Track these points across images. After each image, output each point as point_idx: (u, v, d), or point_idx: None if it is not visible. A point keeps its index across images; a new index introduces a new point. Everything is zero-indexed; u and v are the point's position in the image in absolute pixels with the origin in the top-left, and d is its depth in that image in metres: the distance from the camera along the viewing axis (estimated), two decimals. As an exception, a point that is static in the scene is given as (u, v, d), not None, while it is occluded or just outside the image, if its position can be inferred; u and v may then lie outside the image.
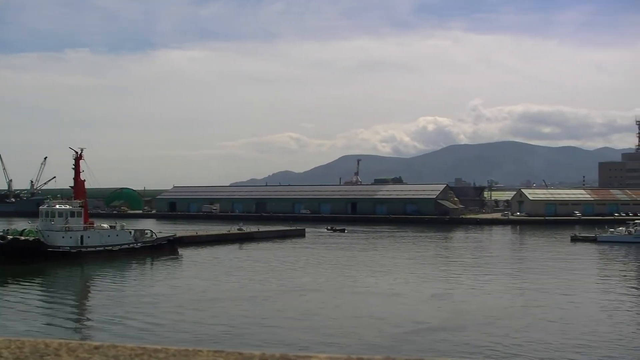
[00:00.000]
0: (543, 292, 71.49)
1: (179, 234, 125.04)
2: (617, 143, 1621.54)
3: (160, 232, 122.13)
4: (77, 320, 58.21)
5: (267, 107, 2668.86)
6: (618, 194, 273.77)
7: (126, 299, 66.57)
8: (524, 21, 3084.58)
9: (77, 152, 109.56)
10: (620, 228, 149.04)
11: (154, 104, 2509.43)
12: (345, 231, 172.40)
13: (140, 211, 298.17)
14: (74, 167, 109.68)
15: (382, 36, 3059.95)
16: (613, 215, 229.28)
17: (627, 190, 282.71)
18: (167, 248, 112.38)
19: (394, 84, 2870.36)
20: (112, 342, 4.58)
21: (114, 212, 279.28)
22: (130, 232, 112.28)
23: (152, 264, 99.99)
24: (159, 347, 4.40)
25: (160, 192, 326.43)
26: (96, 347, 4.47)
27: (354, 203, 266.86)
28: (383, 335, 48.48)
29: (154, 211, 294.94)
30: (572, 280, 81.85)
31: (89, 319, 58.57)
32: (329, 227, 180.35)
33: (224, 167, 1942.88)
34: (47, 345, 4.56)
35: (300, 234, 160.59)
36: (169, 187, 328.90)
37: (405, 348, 44.16)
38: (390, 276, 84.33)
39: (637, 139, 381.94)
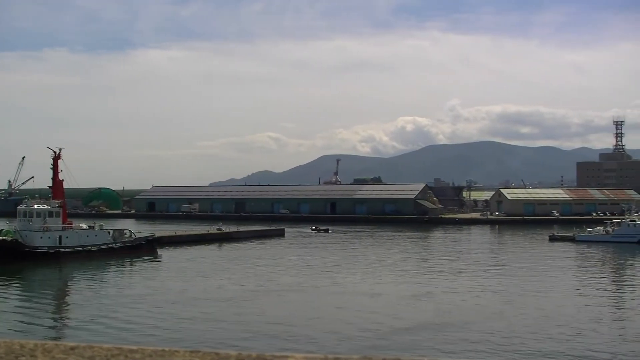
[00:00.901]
0: (522, 291, 71.80)
1: (158, 234, 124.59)
2: (594, 143, 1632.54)
3: (139, 232, 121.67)
4: (54, 321, 57.97)
5: (246, 107, 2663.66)
6: (596, 194, 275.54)
7: (104, 300, 66.32)
8: (503, 22, 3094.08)
9: (55, 152, 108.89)
10: (598, 228, 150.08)
11: (133, 104, 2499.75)
12: (330, 231, 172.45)
13: (119, 211, 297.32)
14: (52, 166, 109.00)
15: (362, 36, 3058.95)
16: (591, 215, 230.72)
17: (605, 190, 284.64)
18: (146, 248, 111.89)
19: (373, 84, 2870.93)
20: (88, 343, 4.53)
21: (93, 212, 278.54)
22: (109, 232, 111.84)
23: (131, 264, 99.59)
24: (135, 347, 4.37)
25: (139, 192, 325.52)
26: (72, 348, 4.43)
27: (333, 203, 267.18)
28: (363, 336, 48.51)
29: (132, 211, 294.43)
30: (551, 279, 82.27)
31: (66, 320, 58.35)
32: (313, 227, 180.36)
33: (203, 167, 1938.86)
34: (23, 346, 4.53)
35: (280, 234, 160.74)
36: (148, 187, 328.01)
37: (385, 348, 44.24)
38: (369, 276, 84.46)
39: (614, 140, 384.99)
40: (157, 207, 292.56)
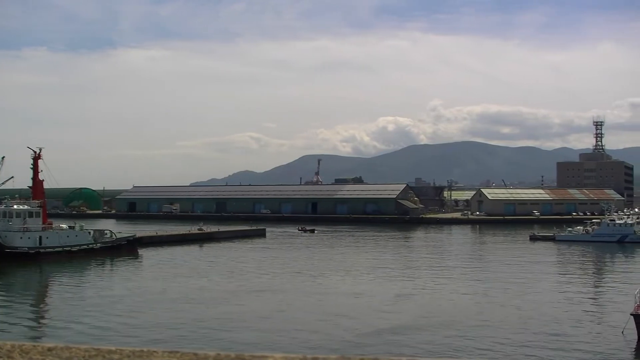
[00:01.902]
0: (503, 291, 71.97)
1: (138, 234, 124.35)
2: (575, 143, 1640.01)
3: (119, 233, 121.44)
4: (33, 322, 57.54)
5: (227, 107, 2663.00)
6: (576, 194, 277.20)
7: (84, 300, 66.03)
8: (483, 22, 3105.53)
9: (35, 152, 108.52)
10: (578, 227, 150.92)
11: (113, 104, 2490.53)
12: (315, 232, 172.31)
13: (100, 211, 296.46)
14: (32, 166, 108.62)
15: (343, 36, 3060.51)
16: (571, 215, 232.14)
17: (585, 190, 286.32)
18: (127, 248, 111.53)
19: (354, 84, 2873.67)
20: (65, 344, 4.49)
21: (73, 212, 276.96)
22: (89, 233, 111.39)
23: (111, 265, 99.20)
24: (113, 348, 4.35)
25: (119, 192, 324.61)
26: (49, 349, 4.41)
27: (314, 203, 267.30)
28: (342, 335, 48.57)
29: (113, 211, 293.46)
30: (531, 279, 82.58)
31: (45, 321, 58.02)
32: (300, 228, 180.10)
33: (184, 166, 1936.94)
34: (0, 348, 4.51)
35: (261, 234, 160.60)
36: (129, 187, 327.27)
37: (365, 347, 44.32)
38: (350, 276, 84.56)
39: (594, 140, 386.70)
40: (138, 207, 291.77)
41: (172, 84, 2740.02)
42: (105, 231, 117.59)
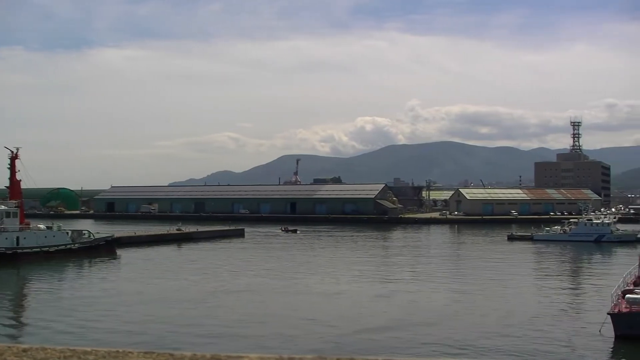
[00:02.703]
0: (481, 290, 72.23)
1: (117, 235, 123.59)
2: (552, 143, 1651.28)
3: (98, 233, 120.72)
4: (9, 323, 57.06)
5: (205, 107, 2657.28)
6: (553, 194, 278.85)
7: (61, 301, 65.63)
8: (460, 23, 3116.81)
9: (12, 152, 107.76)
10: (556, 227, 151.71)
11: (91, 103, 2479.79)
12: (298, 232, 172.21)
13: (78, 211, 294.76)
14: (9, 166, 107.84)
15: (319, 36, 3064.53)
16: (549, 215, 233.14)
17: (562, 190, 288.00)
18: (105, 249, 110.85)
19: (332, 84, 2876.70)
20: (41, 345, 4.48)
21: (51, 212, 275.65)
22: (67, 233, 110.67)
23: (89, 265, 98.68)
24: (88, 349, 4.32)
25: (97, 192, 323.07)
26: (24, 350, 4.37)
27: (293, 203, 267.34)
28: (320, 336, 48.60)
29: (91, 211, 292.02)
30: (509, 278, 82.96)
31: (21, 322, 57.63)
32: (283, 228, 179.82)
33: (162, 166, 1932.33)
34: (-25, 349, 4.42)
35: (240, 234, 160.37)
36: (107, 187, 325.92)
37: (342, 348, 44.38)
38: (329, 276, 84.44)
39: (571, 140, 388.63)
40: (116, 208, 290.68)
41: (150, 83, 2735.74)
42: (84, 231, 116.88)
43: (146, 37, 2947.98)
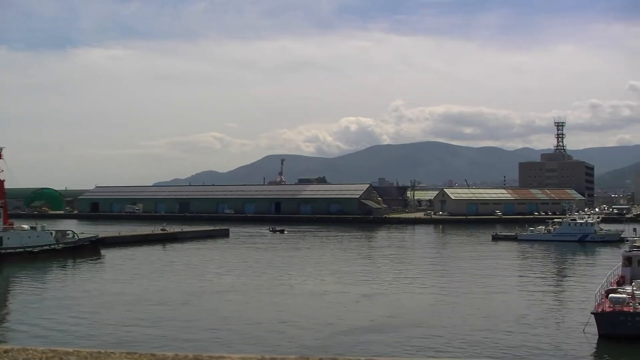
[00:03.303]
0: (466, 290, 72.41)
1: (101, 235, 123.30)
2: (536, 144, 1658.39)
3: (82, 233, 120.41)
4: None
5: (189, 107, 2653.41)
6: (537, 194, 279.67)
7: (44, 302, 65.29)
8: (444, 23, 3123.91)
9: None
10: (540, 227, 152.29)
11: (75, 103, 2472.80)
12: (285, 232, 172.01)
13: (62, 212, 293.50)
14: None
15: (305, 37, 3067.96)
16: (533, 215, 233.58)
17: (546, 190, 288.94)
18: (89, 249, 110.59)
19: (316, 84, 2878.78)
20: (23, 346, 4.47)
21: (35, 212, 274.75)
22: (51, 233, 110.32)
23: (73, 266, 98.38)
24: (70, 349, 4.29)
25: (82, 192, 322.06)
26: (6, 351, 4.33)
27: (278, 203, 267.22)
28: (303, 336, 48.60)
29: (75, 211, 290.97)
30: (494, 278, 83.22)
31: (3, 323, 57.24)
32: (270, 228, 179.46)
33: (147, 166, 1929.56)
34: (-45, 350, 4.40)
35: (224, 234, 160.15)
36: (91, 187, 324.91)
37: (325, 348, 44.40)
38: (313, 276, 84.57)
39: (555, 140, 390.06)
40: (101, 208, 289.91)
41: (135, 83, 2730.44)
42: (68, 231, 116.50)
43: (131, 37, 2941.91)
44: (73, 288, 75.14)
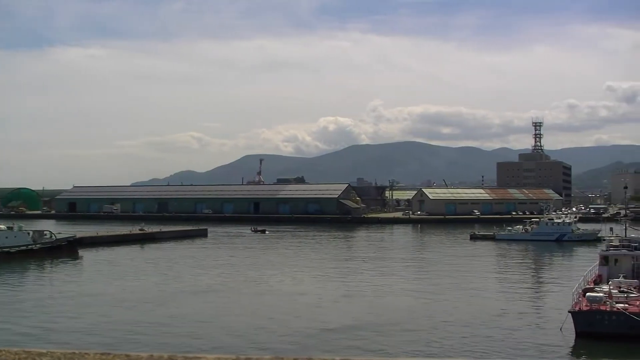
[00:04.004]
0: (443, 289, 72.61)
1: (79, 235, 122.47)
2: (514, 144, 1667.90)
3: (59, 233, 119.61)
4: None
5: (168, 106, 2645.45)
6: (515, 193, 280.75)
7: (19, 303, 64.71)
8: (422, 23, 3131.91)
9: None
10: (518, 226, 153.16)
11: (52, 103, 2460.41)
12: (266, 232, 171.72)
13: (39, 212, 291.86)
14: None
15: (283, 36, 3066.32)
16: (511, 214, 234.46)
17: (524, 190, 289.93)
18: (67, 249, 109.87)
19: (295, 84, 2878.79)
20: None
21: (12, 212, 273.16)
22: (28, 233, 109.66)
23: (50, 266, 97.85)
24: (43, 350, 4.25)
25: (59, 192, 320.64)
26: None
27: (256, 203, 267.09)
28: (282, 336, 48.58)
29: (53, 211, 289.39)
30: (472, 277, 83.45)
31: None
32: (252, 228, 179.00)
33: (125, 166, 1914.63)
34: None
35: (203, 234, 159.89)
36: (69, 187, 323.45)
37: (302, 348, 44.40)
38: (293, 276, 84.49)
39: (533, 140, 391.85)
40: (78, 208, 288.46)
41: (113, 83, 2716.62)
42: (45, 232, 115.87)
43: (108, 36, 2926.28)
44: (50, 289, 74.73)
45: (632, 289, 53.49)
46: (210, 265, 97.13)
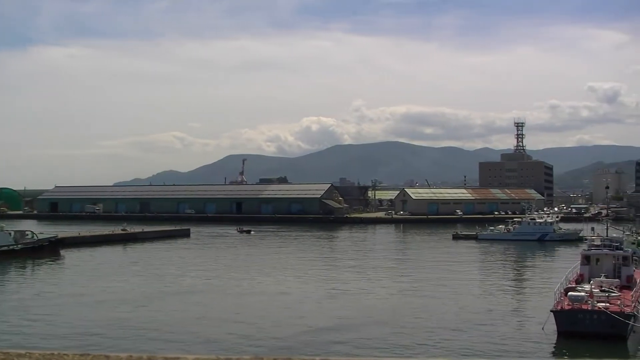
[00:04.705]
0: (425, 289, 72.75)
1: (61, 235, 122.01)
2: (496, 144, 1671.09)
3: (41, 233, 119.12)
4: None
5: (150, 106, 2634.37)
6: (497, 193, 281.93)
7: (1, 303, 64.70)
8: (404, 24, 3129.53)
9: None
10: (500, 226, 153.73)
11: (33, 102, 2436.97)
12: (252, 232, 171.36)
13: (21, 212, 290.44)
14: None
15: (265, 36, 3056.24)
16: (493, 214, 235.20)
17: (506, 190, 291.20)
18: (49, 249, 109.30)
19: (277, 84, 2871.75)
20: None
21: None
22: (10, 234, 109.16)
23: (32, 267, 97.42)
24: (22, 351, 4.22)
25: (41, 192, 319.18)
26: None
27: (239, 202, 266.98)
28: (263, 336, 48.54)
29: (34, 212, 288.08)
30: (454, 277, 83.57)
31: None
32: (238, 229, 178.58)
33: (107, 166, 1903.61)
34: None
35: (185, 234, 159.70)
36: (51, 187, 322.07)
37: (283, 348, 44.43)
38: (275, 276, 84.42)
39: (515, 140, 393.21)
40: (60, 208, 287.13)
41: (94, 82, 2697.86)
42: (27, 232, 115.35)
43: (90, 36, 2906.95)
44: (31, 289, 74.26)
45: (614, 288, 53.75)
46: (192, 266, 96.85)
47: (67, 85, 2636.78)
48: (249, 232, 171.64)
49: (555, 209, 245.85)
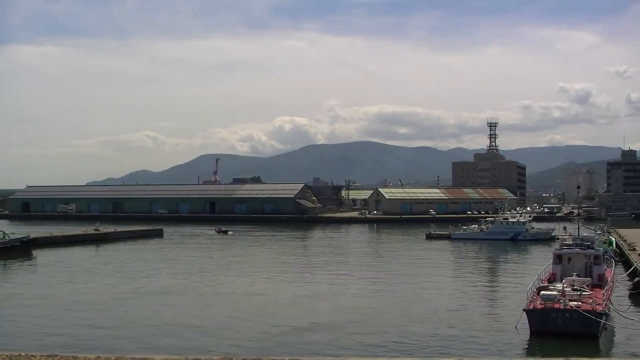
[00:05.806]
0: (399, 289, 72.87)
1: (33, 235, 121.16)
2: (469, 144, 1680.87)
3: (13, 233, 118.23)
4: None
5: (122, 105, 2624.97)
6: (471, 193, 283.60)
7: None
8: (377, 24, 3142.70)
9: None
10: (473, 226, 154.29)
11: (5, 101, 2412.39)
12: (230, 233, 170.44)
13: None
14: None
15: (238, 36, 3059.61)
16: (466, 214, 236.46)
17: (479, 189, 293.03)
18: (20, 249, 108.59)
19: (250, 83, 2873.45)
20: None
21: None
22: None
23: (3, 267, 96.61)
24: None
25: (12, 192, 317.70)
26: None
27: (212, 202, 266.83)
28: (235, 337, 48.35)
29: (6, 212, 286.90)
30: (428, 276, 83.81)
31: None
32: (216, 229, 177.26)
33: (80, 166, 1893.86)
34: None
35: (158, 234, 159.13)
36: (22, 187, 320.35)
37: (253, 349, 44.35)
38: (248, 277, 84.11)
39: (488, 140, 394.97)
40: (32, 208, 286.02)
41: (66, 81, 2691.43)
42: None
43: (62, 34, 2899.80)
44: (2, 290, 73.63)
45: (585, 287, 54.03)
46: (165, 266, 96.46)
47: (39, 84, 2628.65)
48: (226, 232, 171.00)
49: (528, 208, 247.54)
